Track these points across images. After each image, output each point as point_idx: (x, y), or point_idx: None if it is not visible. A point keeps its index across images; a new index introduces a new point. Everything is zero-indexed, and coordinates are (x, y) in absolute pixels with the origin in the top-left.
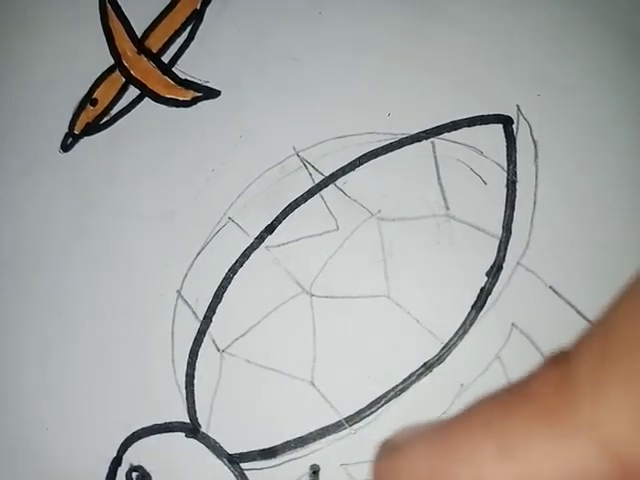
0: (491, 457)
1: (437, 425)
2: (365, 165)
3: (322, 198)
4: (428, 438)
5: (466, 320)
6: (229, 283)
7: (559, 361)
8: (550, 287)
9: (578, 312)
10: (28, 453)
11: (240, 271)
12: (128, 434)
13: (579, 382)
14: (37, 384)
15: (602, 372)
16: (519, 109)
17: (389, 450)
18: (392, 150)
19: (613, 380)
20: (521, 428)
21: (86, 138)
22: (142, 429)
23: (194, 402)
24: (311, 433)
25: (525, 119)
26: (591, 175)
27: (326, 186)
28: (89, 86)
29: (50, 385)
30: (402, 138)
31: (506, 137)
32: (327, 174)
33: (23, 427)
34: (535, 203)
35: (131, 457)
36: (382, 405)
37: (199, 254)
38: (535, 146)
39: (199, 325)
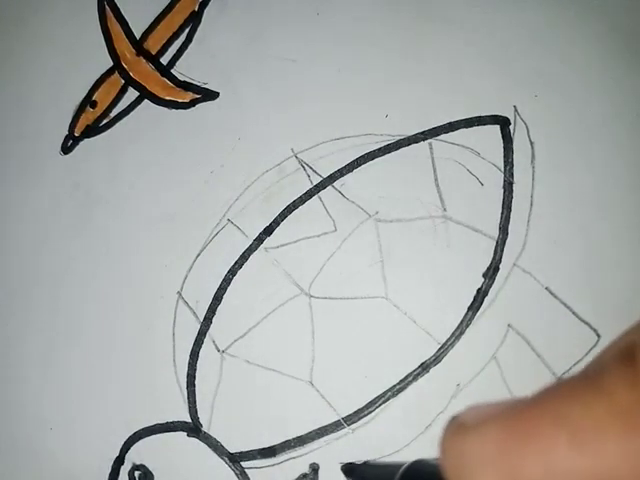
0: (564, 449)
1: (508, 408)
2: (363, 166)
3: (320, 200)
4: (498, 421)
5: (463, 321)
6: (228, 284)
7: (631, 357)
8: (546, 288)
9: (574, 313)
10: (32, 452)
11: (239, 273)
12: (130, 433)
13: None
14: (40, 384)
15: None
16: (516, 110)
17: (457, 428)
18: (390, 151)
19: None
20: (596, 424)
21: (86, 140)
22: (144, 429)
23: (195, 402)
24: (310, 432)
25: (522, 120)
26: (588, 177)
27: (324, 188)
28: (89, 88)
29: (53, 385)
30: (400, 139)
31: (503, 138)
32: (325, 175)
33: (27, 427)
34: (532, 204)
35: (133, 456)
36: (380, 405)
37: (199, 256)
38: (532, 147)
39: (199, 326)
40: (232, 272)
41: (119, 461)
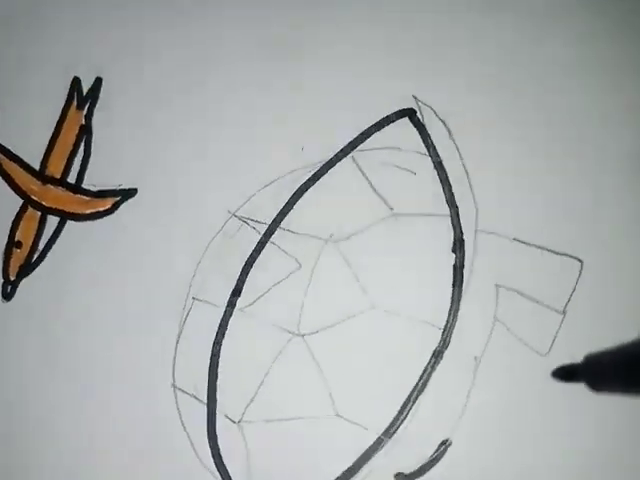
0: None
1: None
2: (301, 200)
3: (274, 244)
4: None
5: (453, 298)
6: (218, 357)
7: None
8: (514, 239)
9: (550, 250)
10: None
11: (224, 342)
12: None
13: None
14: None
15: None
16: (416, 98)
17: None
18: (319, 178)
19: None
20: None
21: (24, 280)
22: None
23: (231, 478)
24: (356, 461)
25: (425, 104)
26: (508, 129)
27: (273, 233)
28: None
29: None
30: (323, 165)
31: (415, 126)
32: (269, 222)
33: None
34: (467, 172)
35: None
36: (411, 407)
37: (178, 342)
38: (445, 124)
39: (206, 407)
40: (217, 344)
41: None
